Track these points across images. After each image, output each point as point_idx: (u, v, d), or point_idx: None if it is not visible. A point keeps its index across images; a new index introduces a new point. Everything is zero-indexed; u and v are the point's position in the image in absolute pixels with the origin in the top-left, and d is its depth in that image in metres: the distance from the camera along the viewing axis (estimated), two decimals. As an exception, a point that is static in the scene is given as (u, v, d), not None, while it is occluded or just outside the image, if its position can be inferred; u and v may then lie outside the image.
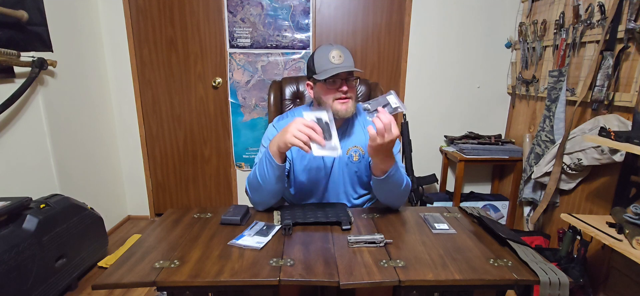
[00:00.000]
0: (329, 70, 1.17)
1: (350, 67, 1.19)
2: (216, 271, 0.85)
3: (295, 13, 2.41)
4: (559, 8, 1.99)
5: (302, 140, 1.02)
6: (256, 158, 1.32)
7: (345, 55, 1.20)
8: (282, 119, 1.38)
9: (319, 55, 1.22)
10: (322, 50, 1.22)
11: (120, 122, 2.59)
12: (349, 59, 1.21)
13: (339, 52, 1.19)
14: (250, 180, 1.21)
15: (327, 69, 1.18)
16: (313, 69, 1.24)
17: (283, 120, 1.36)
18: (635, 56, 1.56)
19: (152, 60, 2.50)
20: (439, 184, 2.69)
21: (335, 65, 1.18)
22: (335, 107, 1.22)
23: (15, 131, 1.77)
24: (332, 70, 1.17)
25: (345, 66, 1.18)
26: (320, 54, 1.22)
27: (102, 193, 2.45)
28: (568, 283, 0.82)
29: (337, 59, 1.18)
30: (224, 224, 1.12)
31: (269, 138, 1.31)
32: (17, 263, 1.47)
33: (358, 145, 1.32)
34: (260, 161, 1.17)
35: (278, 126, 1.33)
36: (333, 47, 1.20)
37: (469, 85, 2.56)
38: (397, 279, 0.83)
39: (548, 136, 1.99)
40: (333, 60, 1.18)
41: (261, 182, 1.16)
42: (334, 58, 1.18)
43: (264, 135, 1.35)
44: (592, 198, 1.82)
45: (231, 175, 2.72)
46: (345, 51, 1.22)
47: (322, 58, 1.20)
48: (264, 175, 1.14)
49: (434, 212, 1.23)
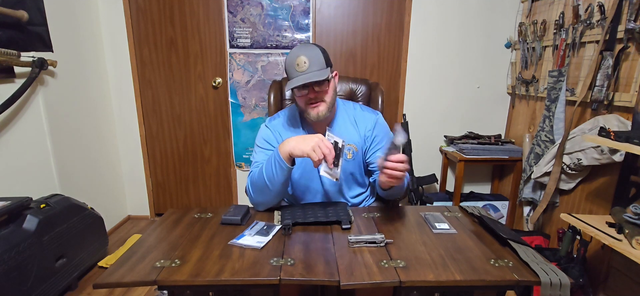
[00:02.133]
0: (292, 81, 1.18)
1: (311, 77, 1.15)
2: (217, 271, 0.85)
3: (295, 13, 2.41)
4: (559, 8, 1.99)
5: (318, 156, 1.07)
6: (252, 158, 1.33)
7: (310, 61, 1.17)
8: (274, 120, 1.36)
9: (288, 62, 1.20)
10: (290, 57, 1.20)
11: (120, 122, 2.59)
12: (316, 64, 1.17)
13: (304, 58, 1.16)
14: (254, 181, 1.21)
15: (291, 79, 1.19)
16: (285, 73, 1.24)
17: (275, 121, 1.35)
18: (635, 56, 1.56)
19: (152, 60, 2.50)
20: (439, 184, 2.69)
21: (298, 75, 1.17)
22: (307, 111, 1.23)
23: (16, 131, 1.76)
24: (294, 81, 1.17)
25: (306, 77, 1.16)
26: (288, 61, 1.20)
27: (102, 193, 2.45)
28: (569, 284, 0.82)
29: (302, 65, 1.17)
30: (224, 224, 1.12)
31: (264, 138, 1.32)
32: (17, 263, 1.47)
33: (351, 142, 1.31)
34: (268, 163, 1.17)
35: (271, 126, 1.33)
36: (300, 53, 1.18)
37: (469, 85, 2.56)
38: (397, 280, 0.83)
39: (548, 136, 1.99)
40: (298, 68, 1.17)
41: (269, 184, 1.16)
42: (299, 66, 1.17)
43: (258, 136, 1.35)
44: (591, 198, 1.82)
45: (231, 175, 2.72)
46: (314, 54, 1.18)
47: (289, 66, 1.20)
48: (272, 177, 1.15)
49: (434, 211, 1.23)
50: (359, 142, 1.32)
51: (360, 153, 1.32)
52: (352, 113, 1.35)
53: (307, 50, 1.19)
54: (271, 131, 1.33)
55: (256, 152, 1.32)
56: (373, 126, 1.32)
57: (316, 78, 1.16)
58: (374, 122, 1.33)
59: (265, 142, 1.31)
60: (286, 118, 1.35)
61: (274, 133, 1.32)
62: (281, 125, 1.34)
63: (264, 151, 1.30)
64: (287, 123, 1.34)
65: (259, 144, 1.33)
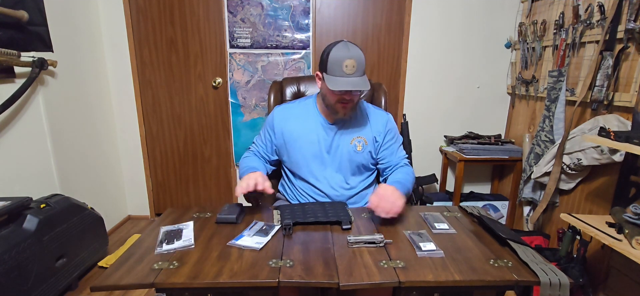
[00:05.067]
0: (338, 82, 1.18)
1: (358, 85, 1.19)
2: (215, 273, 0.85)
3: (295, 13, 2.41)
4: (559, 8, 1.99)
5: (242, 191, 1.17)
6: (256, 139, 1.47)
7: (358, 66, 1.19)
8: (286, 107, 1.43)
9: (334, 57, 1.19)
10: (339, 53, 1.19)
11: (120, 121, 2.59)
12: (361, 69, 1.20)
13: (354, 62, 1.18)
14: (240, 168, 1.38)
15: (336, 77, 1.19)
16: (325, 65, 1.23)
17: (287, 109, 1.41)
18: (635, 56, 1.56)
19: (152, 60, 2.50)
20: (439, 184, 2.69)
21: (345, 77, 1.19)
22: (337, 108, 1.27)
23: (16, 131, 1.77)
24: (342, 83, 1.18)
25: (354, 82, 1.19)
26: (335, 56, 1.19)
27: (103, 193, 2.45)
28: (568, 284, 0.82)
29: (350, 68, 1.18)
30: (219, 223, 1.13)
31: (268, 122, 1.41)
32: (18, 263, 1.47)
33: (362, 135, 1.36)
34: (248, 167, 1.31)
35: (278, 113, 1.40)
36: (350, 54, 1.18)
37: (469, 85, 2.56)
38: (397, 280, 0.83)
39: (548, 136, 1.99)
40: (346, 70, 1.18)
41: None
42: (346, 67, 1.18)
43: (267, 120, 1.43)
44: (591, 198, 1.82)
45: (231, 175, 2.72)
46: (359, 60, 1.20)
47: (335, 63, 1.19)
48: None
49: (434, 211, 1.23)
50: (370, 137, 1.37)
51: (369, 146, 1.37)
52: (365, 109, 1.41)
53: (355, 52, 1.20)
54: (273, 116, 1.40)
55: (261, 133, 1.44)
56: (384, 128, 1.39)
57: (364, 88, 1.20)
58: (384, 123, 1.39)
59: (265, 125, 1.43)
60: (301, 109, 1.39)
61: (275, 118, 1.38)
62: (289, 114, 1.39)
63: (260, 134, 1.45)
64: (302, 114, 1.38)
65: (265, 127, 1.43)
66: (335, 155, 1.35)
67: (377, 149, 1.39)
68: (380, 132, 1.38)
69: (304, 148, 1.34)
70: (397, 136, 1.43)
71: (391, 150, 1.40)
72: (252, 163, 1.37)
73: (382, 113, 1.42)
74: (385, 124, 1.39)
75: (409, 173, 1.34)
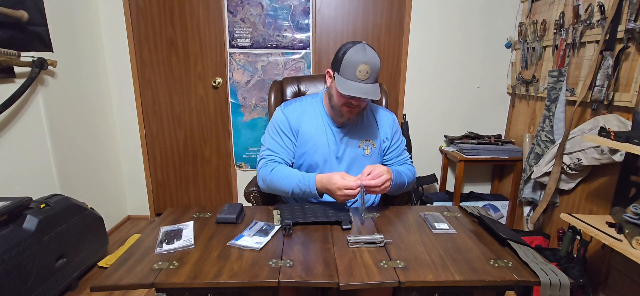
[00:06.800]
0: (349, 86, 1.16)
1: (368, 93, 1.17)
2: (215, 273, 0.85)
3: (295, 13, 2.41)
4: (559, 8, 1.99)
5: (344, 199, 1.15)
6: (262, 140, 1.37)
7: (371, 73, 1.17)
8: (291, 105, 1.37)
9: (349, 59, 1.17)
10: (355, 55, 1.16)
11: (120, 122, 2.59)
12: (373, 76, 1.18)
13: (368, 68, 1.16)
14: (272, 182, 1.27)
15: (347, 80, 1.17)
16: (338, 64, 1.20)
17: (293, 107, 1.36)
18: (635, 56, 1.56)
19: (152, 60, 2.50)
20: (439, 184, 2.69)
21: (356, 82, 1.16)
22: (342, 111, 1.26)
23: (16, 131, 1.76)
24: (351, 88, 1.16)
25: (365, 89, 1.16)
26: (350, 58, 1.17)
27: (103, 193, 2.45)
28: (568, 284, 0.82)
29: (363, 74, 1.16)
30: (219, 223, 1.12)
31: (278, 124, 1.34)
32: (17, 263, 1.47)
33: (369, 138, 1.35)
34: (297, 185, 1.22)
35: (287, 112, 1.35)
36: (365, 58, 1.16)
37: (469, 85, 2.55)
38: (397, 280, 0.82)
39: (548, 136, 1.99)
40: (358, 75, 1.16)
41: (290, 194, 1.25)
42: (360, 72, 1.16)
43: (272, 120, 1.37)
44: (591, 198, 1.81)
45: (231, 175, 2.72)
46: (374, 66, 1.17)
47: (349, 65, 1.16)
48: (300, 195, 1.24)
49: (434, 211, 1.23)
50: (378, 141, 1.37)
51: (377, 149, 1.37)
52: (372, 110, 1.41)
53: (372, 58, 1.17)
54: (286, 117, 1.34)
55: (267, 137, 1.36)
56: (391, 130, 1.39)
57: (374, 97, 1.18)
58: (391, 124, 1.40)
59: (277, 128, 1.34)
60: (307, 107, 1.36)
61: (290, 119, 1.33)
62: (300, 113, 1.35)
63: (273, 139, 1.34)
64: (308, 112, 1.35)
65: (271, 130, 1.35)
66: (343, 159, 1.33)
67: (384, 151, 1.40)
68: (387, 134, 1.38)
69: (316, 151, 1.32)
70: (402, 136, 1.44)
71: (397, 151, 1.41)
72: (293, 171, 1.27)
73: (387, 113, 1.42)
74: (392, 125, 1.40)
75: (410, 170, 1.35)
